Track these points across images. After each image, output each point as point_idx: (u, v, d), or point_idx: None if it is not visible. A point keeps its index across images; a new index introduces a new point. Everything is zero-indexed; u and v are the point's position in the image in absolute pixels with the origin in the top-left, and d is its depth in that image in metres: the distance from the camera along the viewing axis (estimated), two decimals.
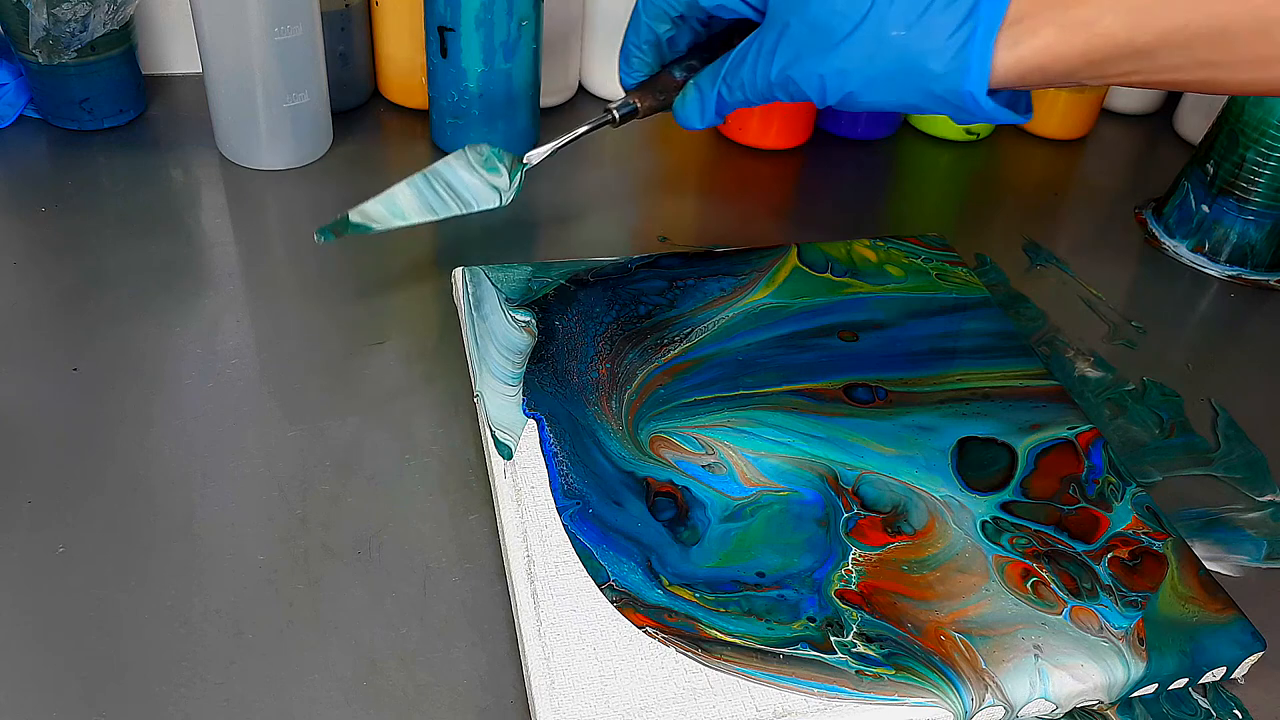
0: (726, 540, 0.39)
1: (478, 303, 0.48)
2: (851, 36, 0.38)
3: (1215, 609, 0.38)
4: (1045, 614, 0.37)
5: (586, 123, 0.47)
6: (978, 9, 0.36)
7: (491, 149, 0.46)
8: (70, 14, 0.56)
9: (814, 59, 0.39)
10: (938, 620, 0.36)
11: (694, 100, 0.44)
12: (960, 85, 0.36)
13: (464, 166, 0.46)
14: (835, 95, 0.39)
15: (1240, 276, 0.59)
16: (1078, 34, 0.35)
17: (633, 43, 0.46)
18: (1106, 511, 0.41)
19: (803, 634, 0.36)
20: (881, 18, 0.37)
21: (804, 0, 0.38)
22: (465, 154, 0.47)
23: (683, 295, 0.50)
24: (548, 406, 0.43)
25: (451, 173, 0.47)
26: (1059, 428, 0.45)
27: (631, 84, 0.47)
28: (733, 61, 0.42)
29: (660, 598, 0.36)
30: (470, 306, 0.47)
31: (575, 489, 0.40)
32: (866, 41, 0.37)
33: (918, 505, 0.41)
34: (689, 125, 0.45)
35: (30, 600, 0.36)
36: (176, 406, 0.44)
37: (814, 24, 0.38)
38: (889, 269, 0.53)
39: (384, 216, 0.46)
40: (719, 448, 0.42)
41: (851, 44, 0.38)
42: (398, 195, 0.46)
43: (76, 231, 0.54)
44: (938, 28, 0.36)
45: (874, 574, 0.38)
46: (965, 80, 0.36)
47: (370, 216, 0.46)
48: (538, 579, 0.37)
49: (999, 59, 0.36)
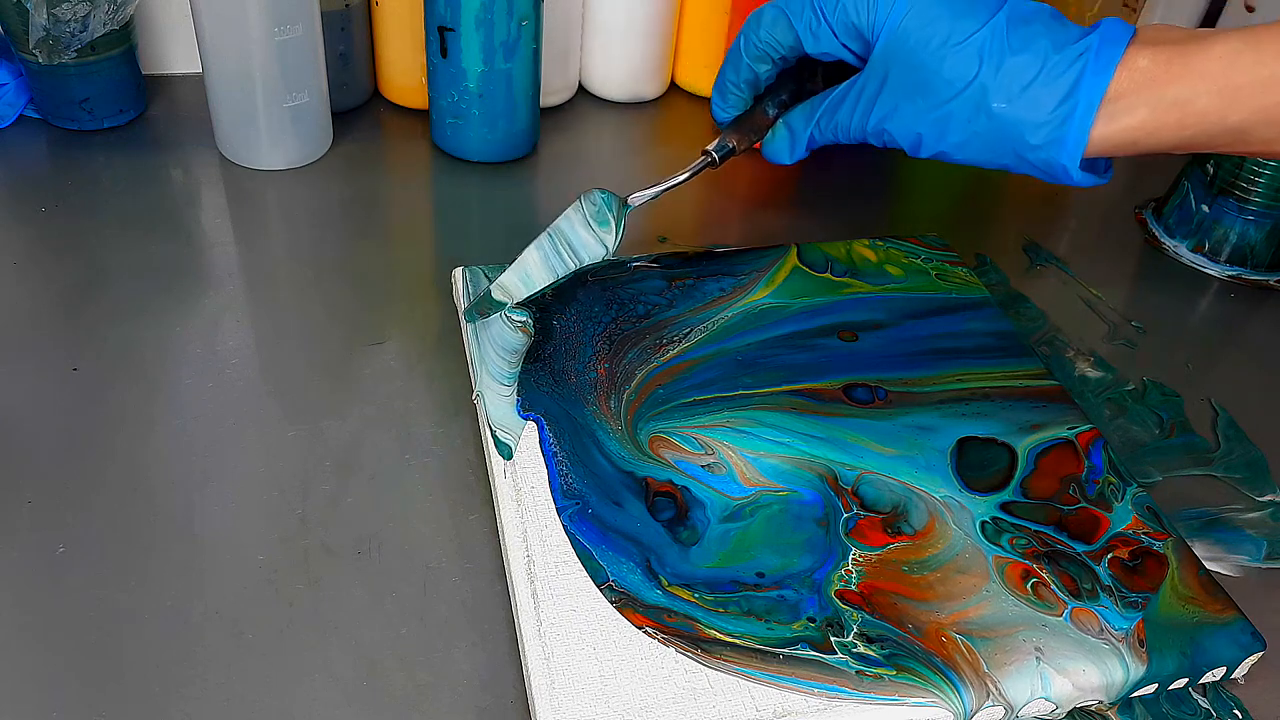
0: (726, 540, 0.39)
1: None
2: (953, 101, 0.39)
3: (1215, 609, 0.38)
4: (1046, 615, 0.37)
5: (687, 169, 0.46)
6: (1079, 88, 0.37)
7: (603, 197, 0.46)
8: (70, 14, 0.56)
9: (913, 114, 0.40)
10: (938, 621, 0.36)
11: (784, 139, 0.45)
12: (1055, 157, 0.38)
13: (581, 223, 0.46)
14: (929, 150, 0.40)
15: (1240, 276, 0.59)
16: (1172, 112, 0.36)
17: (730, 80, 0.46)
18: (1107, 512, 0.41)
19: (803, 634, 0.36)
20: (984, 87, 0.38)
21: (910, 57, 0.39)
22: (581, 207, 0.46)
23: (682, 295, 0.50)
24: (544, 406, 0.43)
25: (572, 231, 0.46)
26: (1059, 427, 0.45)
27: (726, 119, 0.47)
28: (829, 104, 0.43)
29: (659, 598, 0.36)
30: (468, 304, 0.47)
31: (575, 489, 0.40)
32: (967, 107, 0.38)
33: (918, 506, 0.41)
34: (778, 161, 0.46)
35: (30, 600, 0.36)
36: (176, 406, 0.44)
37: (918, 82, 0.39)
38: (889, 269, 0.53)
39: (518, 287, 0.46)
40: (718, 448, 0.42)
41: (953, 108, 0.39)
42: (528, 262, 0.46)
43: (76, 231, 0.54)
44: (1039, 103, 0.37)
45: (874, 574, 0.38)
46: (1061, 153, 0.38)
47: (508, 290, 0.46)
48: (538, 579, 0.37)
49: (1095, 133, 0.37)
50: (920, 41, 0.39)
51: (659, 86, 0.70)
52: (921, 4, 0.39)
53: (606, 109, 0.69)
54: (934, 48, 0.39)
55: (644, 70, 0.68)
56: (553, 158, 0.64)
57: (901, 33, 0.39)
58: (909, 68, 0.39)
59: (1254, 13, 0.66)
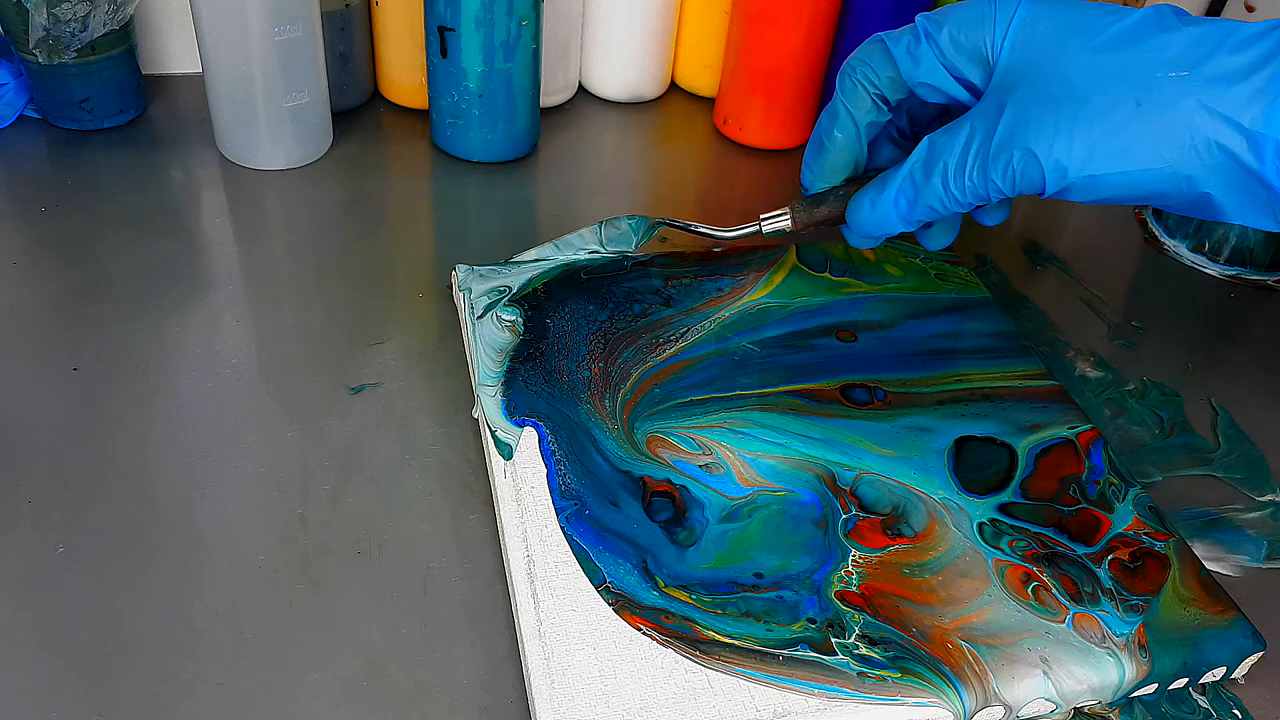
0: (723, 541, 0.39)
1: (475, 301, 0.48)
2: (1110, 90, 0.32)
3: (1216, 611, 0.38)
4: (1049, 622, 0.37)
5: (733, 229, 0.44)
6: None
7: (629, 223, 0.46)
8: (70, 14, 0.56)
9: (1053, 131, 0.33)
10: (942, 627, 0.36)
11: (870, 206, 0.39)
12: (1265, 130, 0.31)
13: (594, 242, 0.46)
14: (1078, 172, 0.33)
15: (1240, 276, 0.59)
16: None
17: (824, 130, 0.41)
18: (1108, 512, 0.41)
19: (802, 635, 0.36)
20: (1152, 61, 0.32)
21: (1053, 57, 0.33)
22: (600, 231, 0.46)
23: (679, 294, 0.50)
24: (539, 408, 0.43)
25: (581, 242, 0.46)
26: (1059, 427, 0.45)
27: (810, 184, 0.43)
28: (932, 151, 0.37)
29: (656, 599, 0.36)
30: (469, 305, 0.47)
31: (573, 489, 0.40)
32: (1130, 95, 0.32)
33: (917, 507, 0.41)
34: (864, 234, 0.41)
35: (30, 600, 0.36)
36: (176, 406, 0.44)
37: (1061, 87, 0.33)
38: (888, 268, 0.53)
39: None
40: (716, 448, 0.42)
41: (1110, 101, 0.32)
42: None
43: (76, 231, 0.54)
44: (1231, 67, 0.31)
45: (875, 576, 0.38)
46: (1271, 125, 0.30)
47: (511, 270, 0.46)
48: (538, 579, 0.37)
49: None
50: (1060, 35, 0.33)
51: (659, 86, 0.70)
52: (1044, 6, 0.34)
53: (606, 109, 0.69)
54: (1079, 41, 0.33)
55: (644, 70, 0.68)
56: (553, 158, 0.64)
57: (1032, 35, 0.34)
58: (1047, 73, 0.33)
59: (1254, 12, 0.66)
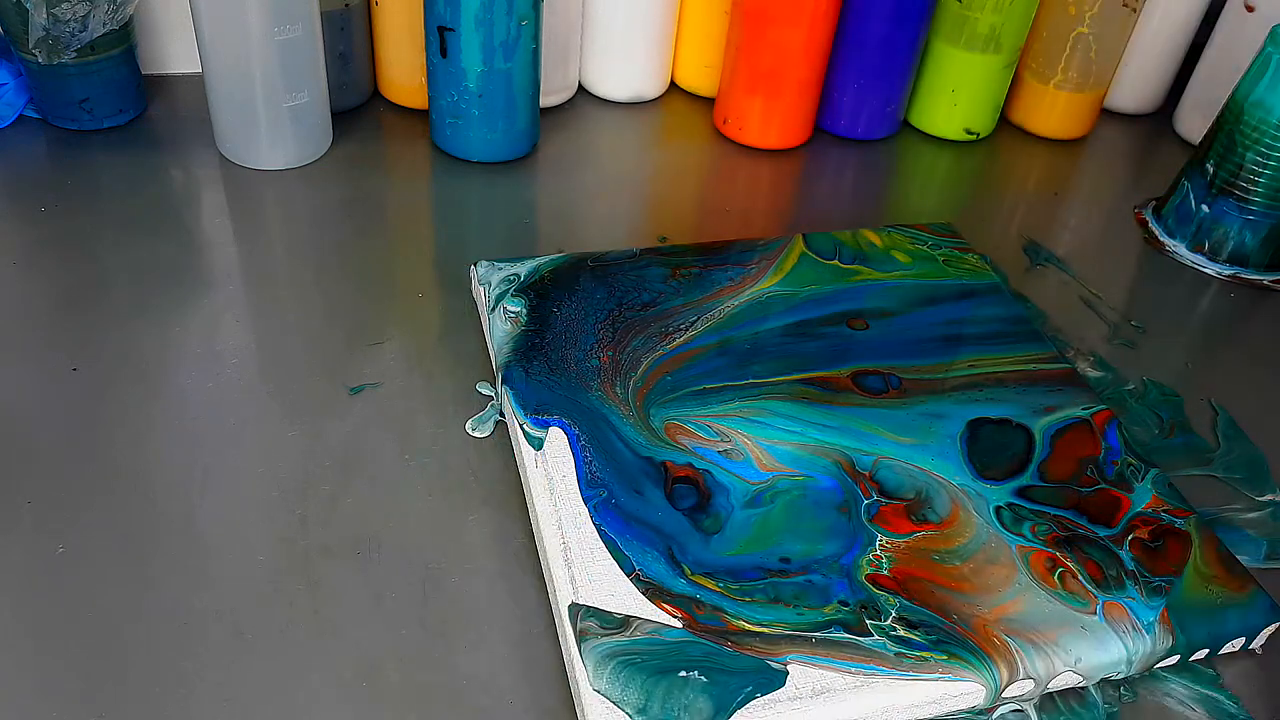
0: (748, 527, 0.39)
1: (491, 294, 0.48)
2: None
3: (1236, 586, 0.38)
4: (1083, 615, 0.37)
5: None
6: None
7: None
8: (70, 14, 0.56)
9: None
10: (983, 617, 0.36)
11: None
12: None
13: None
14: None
15: (1239, 276, 0.59)
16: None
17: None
18: (1127, 492, 0.41)
19: (835, 617, 0.36)
20: None
21: None
22: None
23: (688, 284, 0.50)
24: (539, 398, 0.42)
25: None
26: (1073, 408, 0.45)
27: None
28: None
29: (685, 587, 0.36)
30: (487, 299, 0.48)
31: (599, 478, 0.40)
32: None
33: (939, 493, 0.40)
34: None
35: (30, 600, 0.36)
36: (176, 406, 0.44)
37: None
38: (896, 255, 0.53)
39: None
40: (733, 435, 0.42)
41: None
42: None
43: (76, 231, 0.54)
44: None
45: (905, 561, 0.38)
46: None
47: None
48: (575, 564, 0.37)
49: None
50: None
51: (659, 86, 0.70)
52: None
53: (606, 109, 0.69)
54: None
55: (644, 70, 0.68)
56: (553, 158, 0.64)
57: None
58: None
59: (1253, 12, 0.66)
